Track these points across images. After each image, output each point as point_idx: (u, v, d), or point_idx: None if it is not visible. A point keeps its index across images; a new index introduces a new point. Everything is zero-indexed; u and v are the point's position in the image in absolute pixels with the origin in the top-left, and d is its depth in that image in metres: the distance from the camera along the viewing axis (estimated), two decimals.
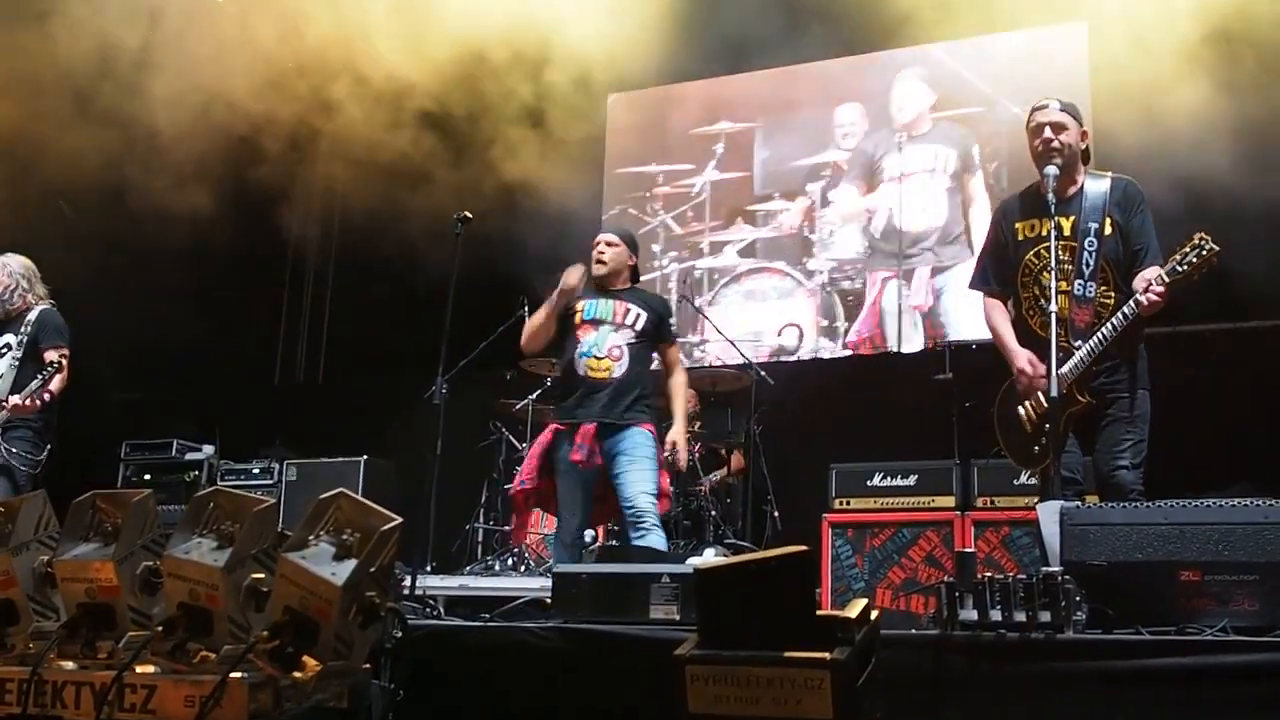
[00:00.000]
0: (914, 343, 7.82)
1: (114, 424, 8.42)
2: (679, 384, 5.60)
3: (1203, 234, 4.12)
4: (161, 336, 8.19)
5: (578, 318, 5.52)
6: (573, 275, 5.43)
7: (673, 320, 5.77)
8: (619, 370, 5.38)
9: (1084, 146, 4.54)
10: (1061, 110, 4.50)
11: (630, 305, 5.53)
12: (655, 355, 5.62)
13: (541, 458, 5.51)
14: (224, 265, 8.63)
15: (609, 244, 5.66)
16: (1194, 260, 4.10)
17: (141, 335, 8.00)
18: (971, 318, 7.19)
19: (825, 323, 8.16)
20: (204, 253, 8.14)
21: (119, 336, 7.76)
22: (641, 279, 6.09)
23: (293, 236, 9.84)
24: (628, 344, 5.42)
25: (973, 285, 4.84)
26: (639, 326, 5.47)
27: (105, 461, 8.19)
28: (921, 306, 7.91)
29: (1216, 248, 4.07)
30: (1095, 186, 4.48)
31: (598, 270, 5.59)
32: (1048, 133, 4.45)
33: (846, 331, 8.07)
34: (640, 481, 5.23)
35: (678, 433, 5.45)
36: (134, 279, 8.35)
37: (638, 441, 5.31)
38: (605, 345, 5.42)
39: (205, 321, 8.65)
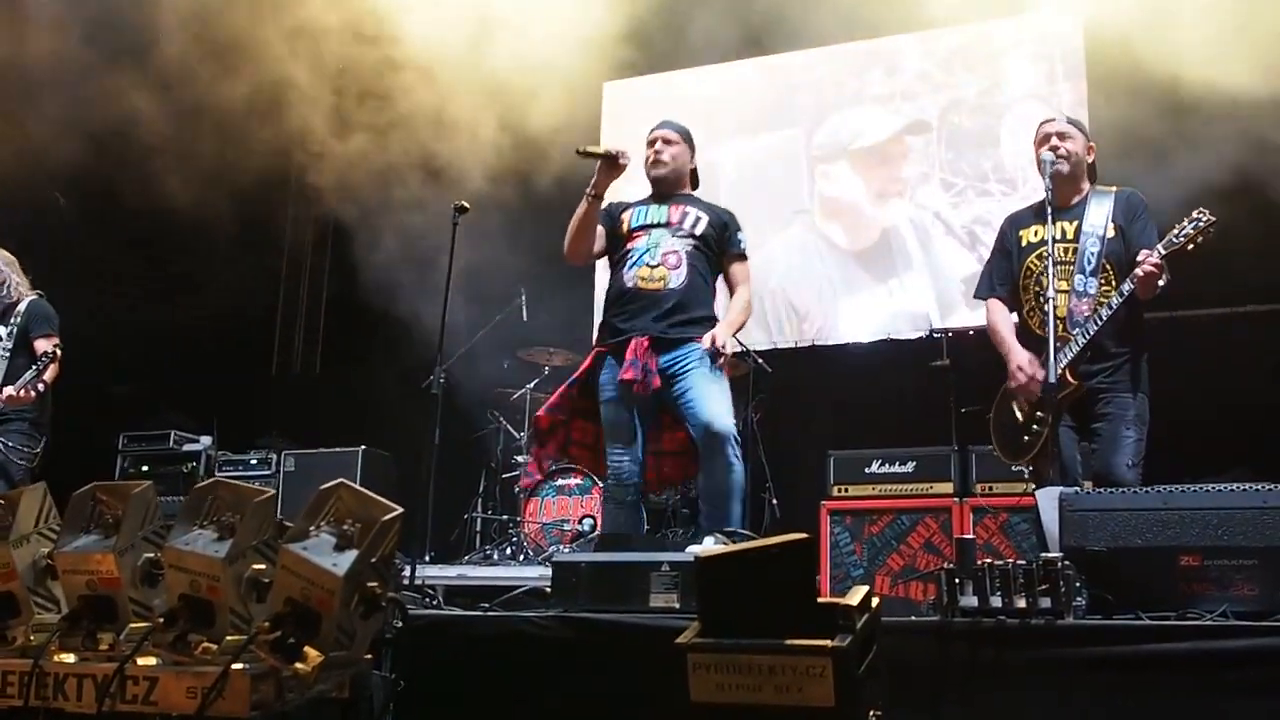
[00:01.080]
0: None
1: (111, 416, 8.41)
2: (742, 298, 4.76)
3: (1201, 208, 4.17)
4: (157, 327, 8.19)
5: (625, 225, 4.77)
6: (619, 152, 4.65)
7: (743, 235, 4.87)
8: (675, 280, 4.58)
9: (1089, 160, 4.65)
10: (1067, 123, 4.66)
11: (689, 209, 4.76)
12: (711, 266, 4.76)
13: (578, 386, 4.73)
14: (221, 255, 8.61)
15: (667, 141, 4.88)
16: (1190, 231, 4.17)
17: (137, 326, 8.00)
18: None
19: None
20: (200, 243, 8.12)
21: (114, 327, 7.76)
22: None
23: (290, 226, 9.85)
24: (686, 251, 4.63)
25: (977, 294, 4.91)
26: (699, 231, 4.69)
27: (103, 453, 8.18)
28: None
29: (1214, 219, 4.13)
30: (1100, 198, 4.59)
31: (656, 171, 4.82)
32: (1054, 140, 4.56)
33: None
34: (714, 398, 4.42)
35: (720, 327, 4.59)
36: (129, 270, 8.36)
37: (704, 358, 4.48)
38: (659, 251, 4.63)
39: (201, 312, 8.66)
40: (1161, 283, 4.23)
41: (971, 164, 7.76)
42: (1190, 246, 4.15)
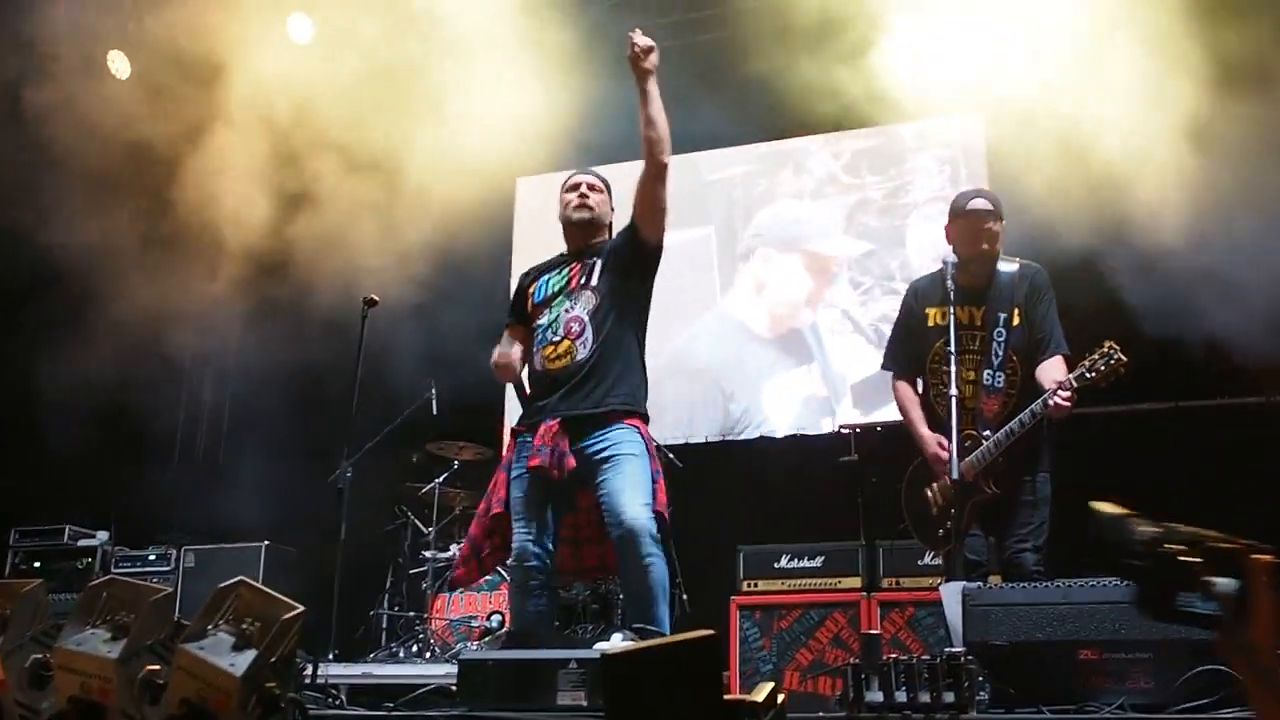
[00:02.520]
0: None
1: (1, 510, 8.14)
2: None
3: (1111, 343, 4.24)
4: (53, 417, 7.98)
5: (530, 303, 4.49)
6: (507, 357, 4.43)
7: None
8: (582, 351, 4.26)
9: (1001, 236, 4.67)
10: (993, 205, 4.63)
11: (587, 259, 4.43)
12: (632, 309, 4.39)
13: (506, 474, 4.37)
14: (118, 342, 8.45)
15: (592, 188, 4.58)
16: (1102, 368, 4.22)
17: (30, 416, 7.79)
18: None
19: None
20: (97, 330, 7.97)
21: (4, 417, 7.55)
22: None
23: (193, 320, 9.70)
24: (589, 313, 4.30)
25: (884, 365, 4.94)
26: (596, 273, 4.36)
27: None
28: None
29: (1124, 358, 4.20)
30: (1006, 273, 4.61)
31: (579, 215, 4.50)
32: (984, 239, 4.56)
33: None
34: (629, 489, 4.08)
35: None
36: (24, 359, 8.15)
37: (621, 439, 4.17)
38: (560, 323, 4.32)
39: (99, 400, 8.46)
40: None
41: (879, 263, 7.95)
42: (1102, 385, 4.22)
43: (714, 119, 7.64)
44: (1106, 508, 1.88)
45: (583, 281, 4.38)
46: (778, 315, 8.18)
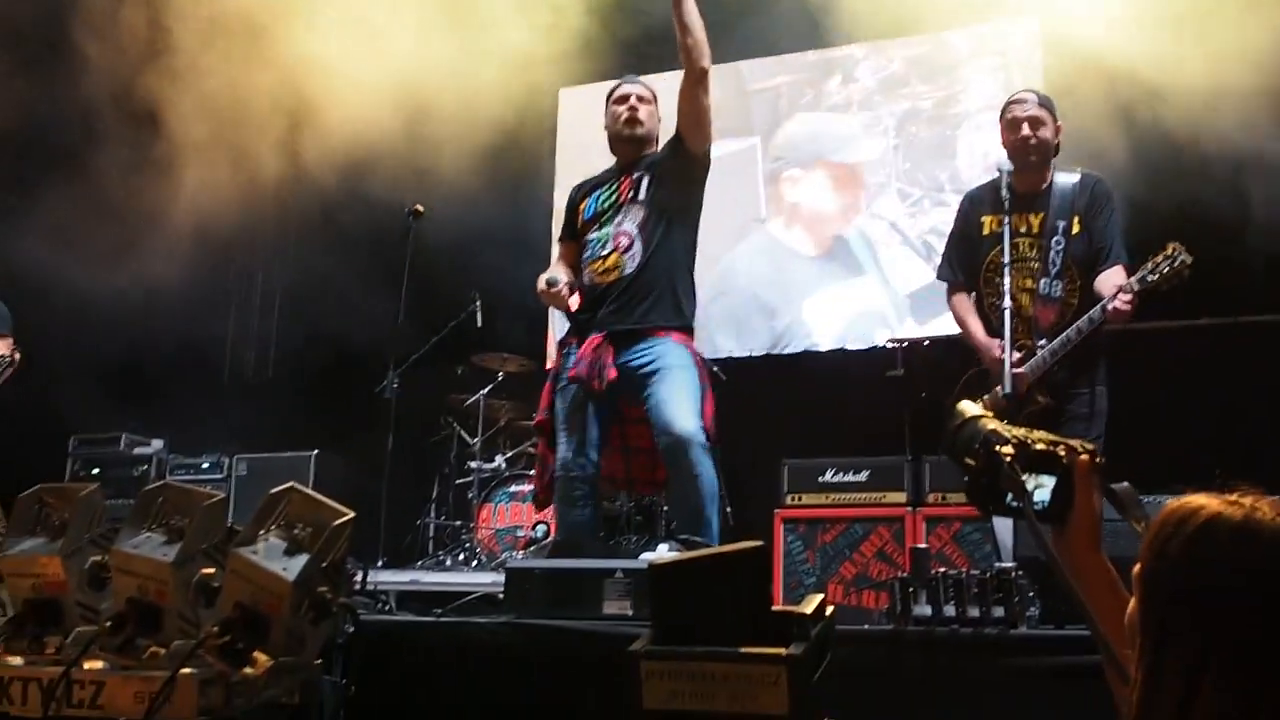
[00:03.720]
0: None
1: (61, 418, 8.28)
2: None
3: (1176, 244, 4.12)
4: (109, 330, 8.07)
5: (580, 219, 4.54)
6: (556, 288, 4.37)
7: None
8: (630, 265, 4.29)
9: (1057, 142, 4.53)
10: (1040, 105, 4.49)
11: (635, 173, 4.43)
12: (682, 221, 4.41)
13: (551, 384, 4.49)
14: (173, 258, 8.51)
15: (641, 99, 4.54)
16: (1165, 270, 4.10)
17: (88, 329, 7.88)
18: None
19: None
20: (153, 246, 8.02)
21: (65, 329, 7.64)
22: None
23: (242, 228, 9.73)
24: (639, 226, 4.33)
25: (940, 275, 4.85)
26: (643, 194, 4.37)
27: (53, 456, 8.07)
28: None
29: (1189, 259, 4.08)
30: (1064, 182, 4.48)
31: (631, 131, 4.49)
32: (1025, 129, 4.44)
33: None
34: (676, 400, 4.11)
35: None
36: (81, 273, 8.23)
37: (668, 352, 4.21)
38: (610, 237, 4.36)
39: (154, 315, 8.54)
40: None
41: (928, 174, 7.81)
42: (1164, 287, 4.11)
43: (759, 26, 7.49)
44: (965, 406, 1.92)
45: (632, 195, 4.38)
46: (817, 232, 8.07)
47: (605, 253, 4.34)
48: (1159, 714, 1.35)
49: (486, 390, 7.50)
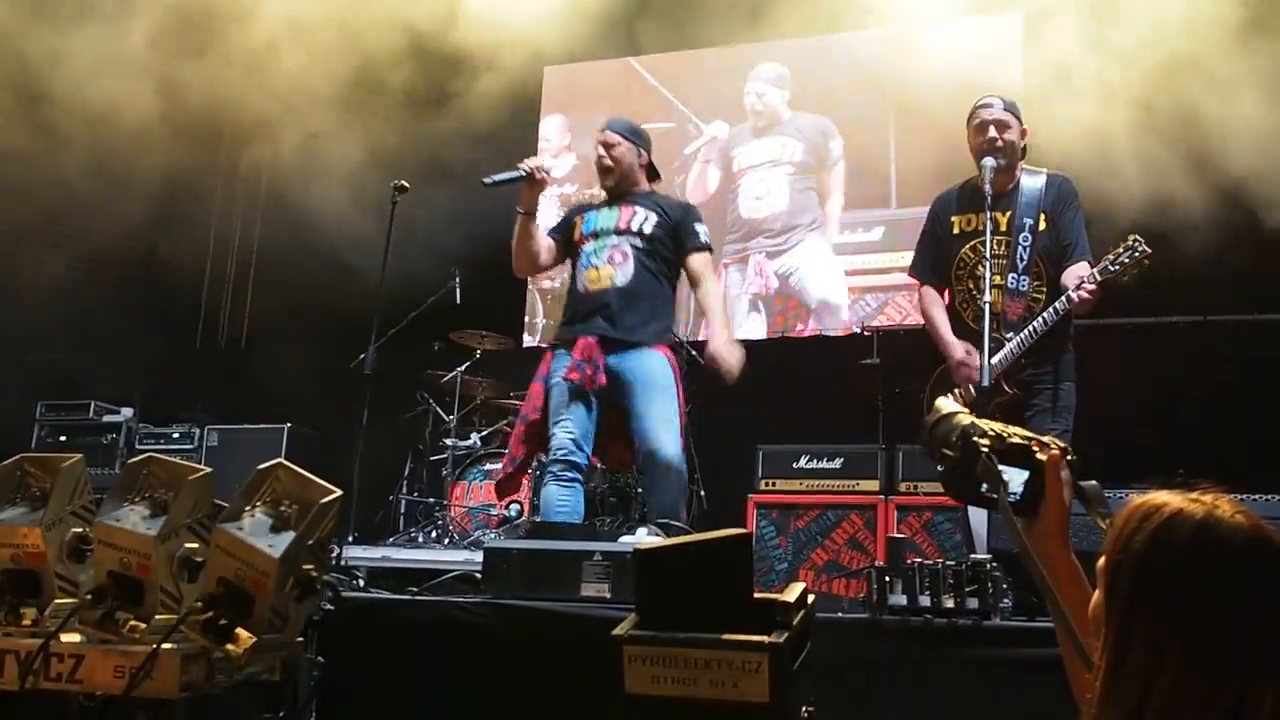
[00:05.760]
0: (756, 328, 7.86)
1: (29, 384, 8.20)
2: (709, 292, 4.73)
3: (1136, 236, 4.22)
4: (80, 296, 8.01)
5: (577, 232, 4.77)
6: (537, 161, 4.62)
7: (701, 226, 4.80)
8: (621, 278, 4.55)
9: (1023, 144, 4.63)
10: (1005, 109, 4.58)
11: (638, 209, 4.70)
12: (671, 267, 4.70)
13: (542, 385, 4.66)
14: (146, 224, 8.44)
15: (608, 145, 4.80)
16: (1126, 261, 4.20)
17: (59, 294, 7.81)
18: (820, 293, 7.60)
19: None
20: (126, 211, 7.95)
21: (35, 295, 7.56)
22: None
23: (219, 197, 9.67)
24: (634, 248, 4.59)
25: (911, 272, 4.93)
26: (647, 230, 4.63)
27: (20, 422, 7.98)
28: (763, 291, 7.93)
29: (1149, 250, 4.18)
30: (1031, 183, 4.57)
31: (606, 181, 4.79)
32: (992, 131, 4.52)
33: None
34: (662, 423, 4.39)
35: (718, 342, 4.58)
36: (51, 238, 8.15)
37: (653, 367, 4.49)
38: (605, 251, 4.62)
39: (125, 281, 8.48)
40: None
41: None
42: (1125, 278, 4.21)
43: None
44: (943, 403, 2.03)
45: (634, 228, 4.64)
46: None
47: (599, 263, 4.61)
48: (1122, 700, 1.41)
49: (464, 367, 7.49)
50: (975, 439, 1.92)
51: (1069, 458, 1.93)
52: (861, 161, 7.87)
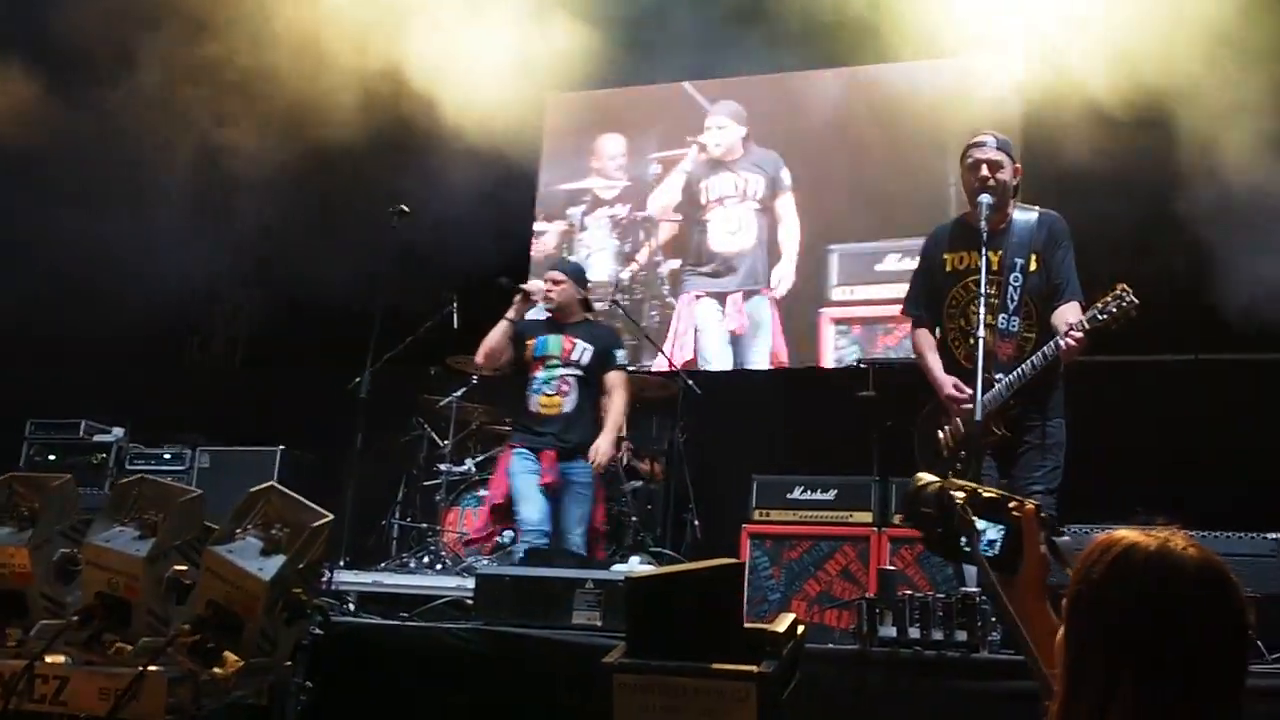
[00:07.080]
0: (724, 362, 8.06)
1: (18, 401, 8.16)
2: (615, 403, 5.97)
3: (1124, 286, 4.21)
4: (73, 315, 7.98)
5: (528, 353, 5.97)
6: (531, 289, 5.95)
7: (620, 351, 6.14)
8: (568, 405, 5.89)
9: (1015, 183, 4.62)
10: (998, 148, 4.56)
11: (577, 341, 5.96)
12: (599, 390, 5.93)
13: (506, 476, 5.94)
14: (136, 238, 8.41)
15: (555, 282, 6.05)
16: (1114, 310, 4.19)
17: (51, 313, 7.79)
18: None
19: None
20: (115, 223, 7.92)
21: (26, 312, 7.55)
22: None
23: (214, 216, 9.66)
24: (575, 378, 5.90)
25: (905, 310, 4.92)
26: (584, 361, 5.93)
27: (8, 440, 7.94)
28: (740, 330, 8.11)
29: (1136, 300, 4.17)
30: (1023, 220, 4.58)
31: (547, 307, 6.05)
32: (984, 171, 4.51)
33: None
34: (575, 520, 5.73)
35: (604, 441, 5.84)
36: (44, 260, 8.14)
37: (583, 474, 5.82)
38: (554, 382, 5.91)
39: (117, 296, 8.45)
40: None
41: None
42: (1113, 326, 4.21)
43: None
44: (922, 476, 2.15)
45: (574, 358, 5.91)
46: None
47: (550, 392, 5.88)
48: None
49: (460, 392, 7.47)
50: (951, 493, 2.04)
51: (1042, 515, 2.02)
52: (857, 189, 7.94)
